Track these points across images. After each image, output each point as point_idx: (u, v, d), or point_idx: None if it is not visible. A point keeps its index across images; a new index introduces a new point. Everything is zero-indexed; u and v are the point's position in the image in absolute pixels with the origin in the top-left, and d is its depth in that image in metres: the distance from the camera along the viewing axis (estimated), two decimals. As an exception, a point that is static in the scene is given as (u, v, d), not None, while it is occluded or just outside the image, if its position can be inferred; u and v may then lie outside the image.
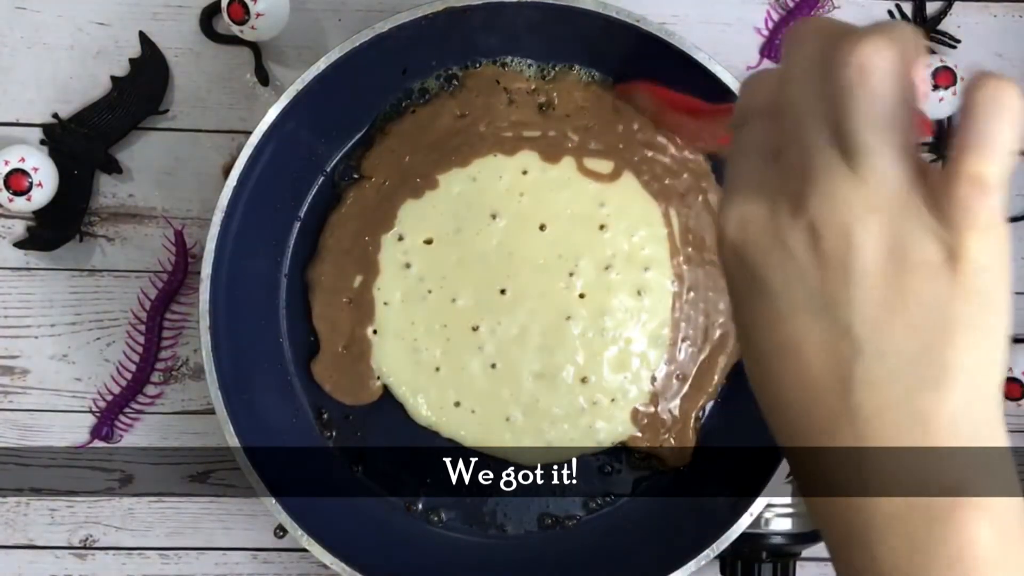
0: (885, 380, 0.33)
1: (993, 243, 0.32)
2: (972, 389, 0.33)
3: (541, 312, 0.68)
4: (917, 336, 0.33)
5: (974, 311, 0.32)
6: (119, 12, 0.71)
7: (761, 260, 0.34)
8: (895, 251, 0.32)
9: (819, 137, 0.33)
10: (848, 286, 0.33)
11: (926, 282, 0.32)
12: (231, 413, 0.63)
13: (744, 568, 0.68)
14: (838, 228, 0.33)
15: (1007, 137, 0.31)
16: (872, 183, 0.32)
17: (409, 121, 0.68)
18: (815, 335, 0.34)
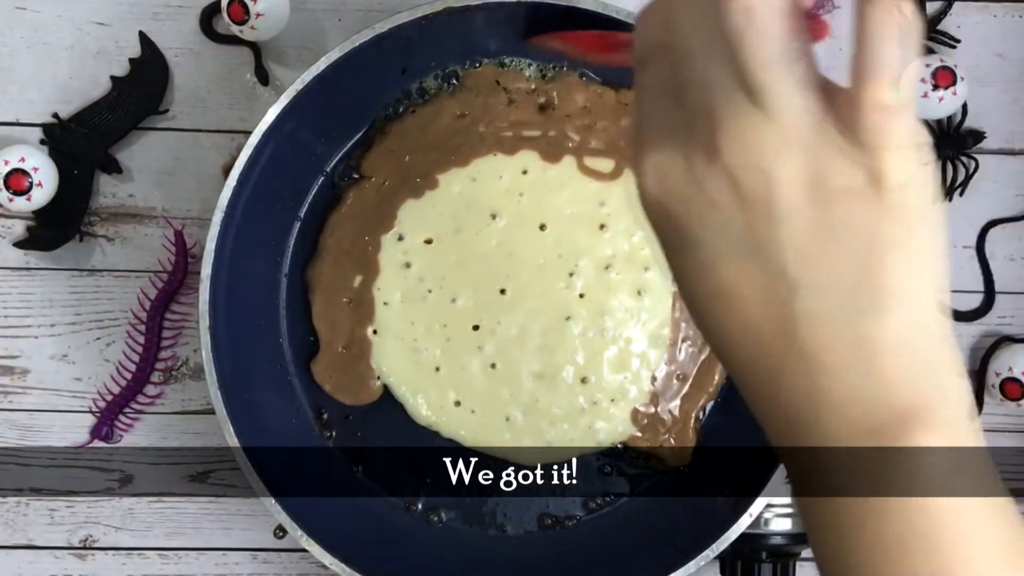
0: (826, 312, 0.32)
1: (911, 159, 0.32)
2: (913, 307, 0.33)
3: (541, 312, 0.68)
4: (851, 264, 0.32)
5: (903, 230, 0.32)
6: (119, 12, 0.71)
7: (684, 211, 0.34)
8: (816, 183, 0.32)
9: (720, 78, 0.32)
10: (774, 225, 0.32)
11: (851, 208, 0.32)
12: (231, 413, 0.63)
13: (744, 568, 0.68)
14: (755, 169, 0.32)
15: (903, 58, 0.30)
16: (781, 119, 0.31)
17: (409, 121, 0.68)
18: (750, 278, 0.33)
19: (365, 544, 0.66)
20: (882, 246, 0.32)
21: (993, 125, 0.72)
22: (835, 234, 0.32)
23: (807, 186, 0.32)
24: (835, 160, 0.31)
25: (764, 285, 0.33)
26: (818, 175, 0.32)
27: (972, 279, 0.73)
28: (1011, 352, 0.71)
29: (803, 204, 0.32)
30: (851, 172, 0.32)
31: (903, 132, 0.31)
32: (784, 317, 0.33)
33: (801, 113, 0.31)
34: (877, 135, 0.31)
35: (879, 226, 0.32)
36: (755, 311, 0.33)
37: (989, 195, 0.72)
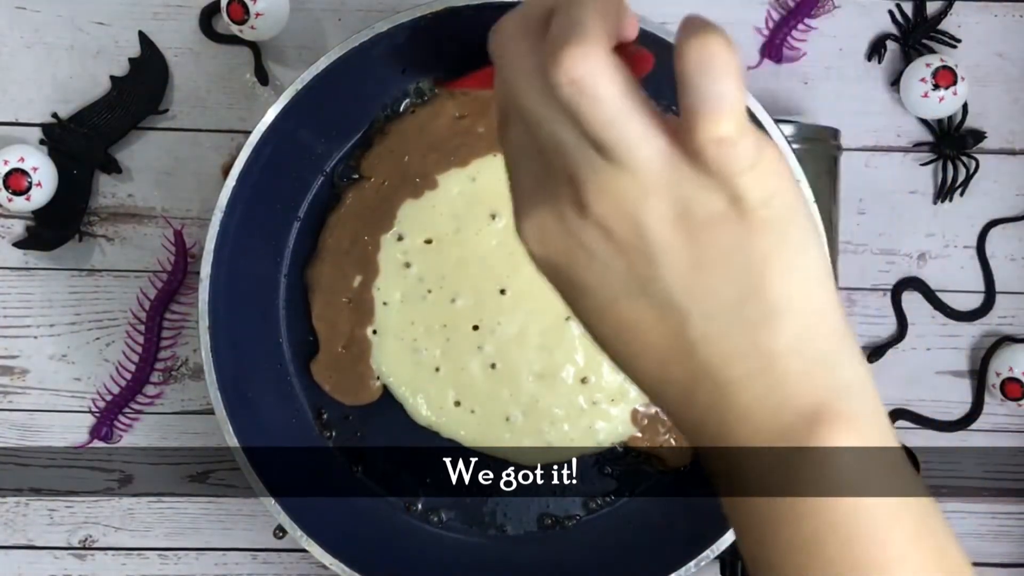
0: (720, 334, 0.34)
1: (766, 173, 0.32)
2: (803, 313, 0.33)
3: (541, 312, 0.68)
4: (733, 285, 0.33)
5: (774, 241, 0.33)
6: (119, 12, 0.71)
7: (568, 264, 0.35)
8: (682, 217, 0.33)
9: (569, 139, 0.33)
10: (653, 265, 0.33)
11: (721, 232, 0.33)
12: (230, 413, 0.63)
13: (744, 568, 0.68)
14: (622, 218, 0.33)
15: (725, 90, 0.30)
16: (634, 169, 0.32)
17: (408, 121, 0.68)
18: (642, 314, 0.34)
19: (365, 544, 0.66)
20: (758, 262, 0.33)
21: (993, 125, 0.72)
22: (712, 260, 0.33)
23: (675, 222, 0.33)
24: (694, 191, 0.32)
25: (657, 319, 0.34)
26: (682, 209, 0.33)
27: (972, 279, 0.73)
28: (1012, 352, 0.71)
29: (675, 240, 0.33)
30: (711, 200, 0.32)
31: (747, 155, 0.31)
32: (682, 344, 0.34)
33: (652, 159, 0.32)
34: (723, 165, 0.31)
35: (751, 244, 0.33)
36: (654, 342, 0.35)
37: (990, 195, 0.72)
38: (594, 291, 0.35)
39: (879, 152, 0.72)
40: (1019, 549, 0.74)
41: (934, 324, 0.73)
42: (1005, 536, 0.74)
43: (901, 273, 0.72)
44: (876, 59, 0.72)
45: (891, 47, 0.72)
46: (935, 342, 0.73)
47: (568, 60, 0.31)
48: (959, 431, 0.73)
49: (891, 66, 0.72)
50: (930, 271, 0.72)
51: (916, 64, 0.69)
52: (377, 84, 0.67)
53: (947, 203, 0.72)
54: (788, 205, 0.33)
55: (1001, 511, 0.73)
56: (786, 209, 0.33)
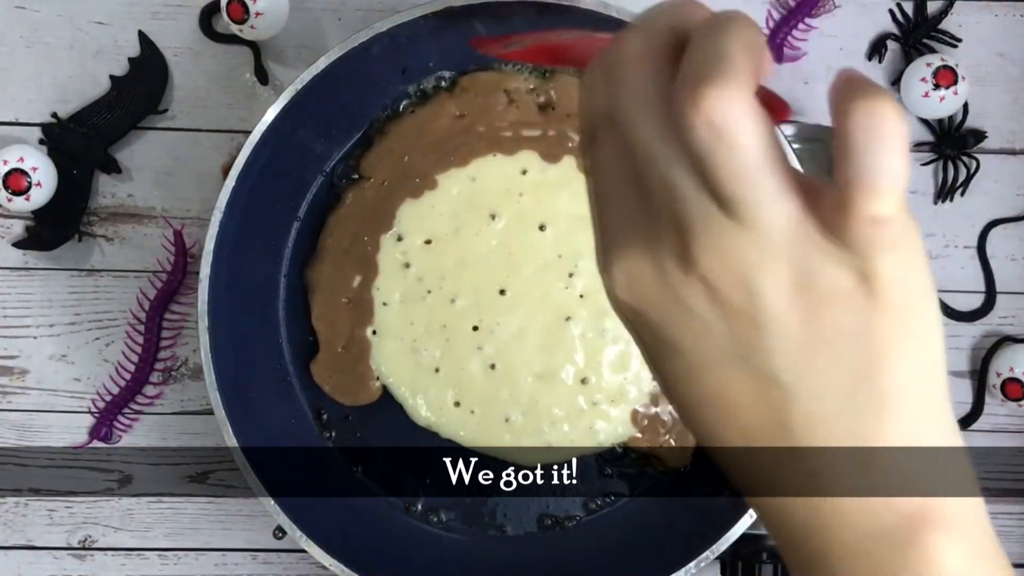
0: (824, 419, 0.31)
1: (903, 255, 0.30)
2: (915, 407, 0.31)
3: (541, 312, 0.68)
4: (847, 368, 0.30)
5: (899, 328, 0.30)
6: (118, 11, 0.71)
7: (661, 320, 0.31)
8: (802, 288, 0.30)
9: (686, 185, 0.29)
10: (761, 334, 0.30)
11: (843, 310, 0.30)
12: (230, 413, 0.63)
13: (744, 569, 0.68)
14: (735, 280, 0.30)
15: (896, 167, 0.28)
16: (759, 230, 0.29)
17: (408, 121, 0.68)
18: (740, 385, 0.31)
19: (365, 544, 0.66)
20: (878, 348, 0.30)
21: (994, 125, 0.72)
22: (827, 338, 0.30)
23: (792, 292, 0.30)
24: (821, 262, 0.29)
25: (756, 393, 0.31)
26: (803, 280, 0.29)
27: (973, 279, 0.72)
28: (1012, 352, 0.70)
29: (790, 311, 0.30)
30: (839, 274, 0.29)
31: (894, 234, 0.29)
32: (780, 424, 0.31)
33: (781, 220, 0.29)
34: (869, 242, 0.29)
35: (873, 327, 0.30)
36: (748, 417, 0.32)
37: (990, 195, 0.72)
38: (687, 353, 0.32)
39: (879, 152, 0.72)
40: (1019, 549, 0.74)
41: (934, 324, 0.72)
42: (1006, 536, 0.73)
43: (901, 273, 0.72)
44: (877, 59, 0.72)
45: (892, 47, 0.72)
46: (935, 342, 0.72)
47: (710, 100, 0.28)
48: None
49: (891, 66, 0.72)
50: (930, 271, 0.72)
51: (917, 64, 0.69)
52: (377, 84, 0.67)
53: (947, 203, 0.72)
54: (919, 290, 0.30)
55: (1001, 511, 0.73)
56: (916, 294, 0.30)
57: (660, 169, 0.30)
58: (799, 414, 0.31)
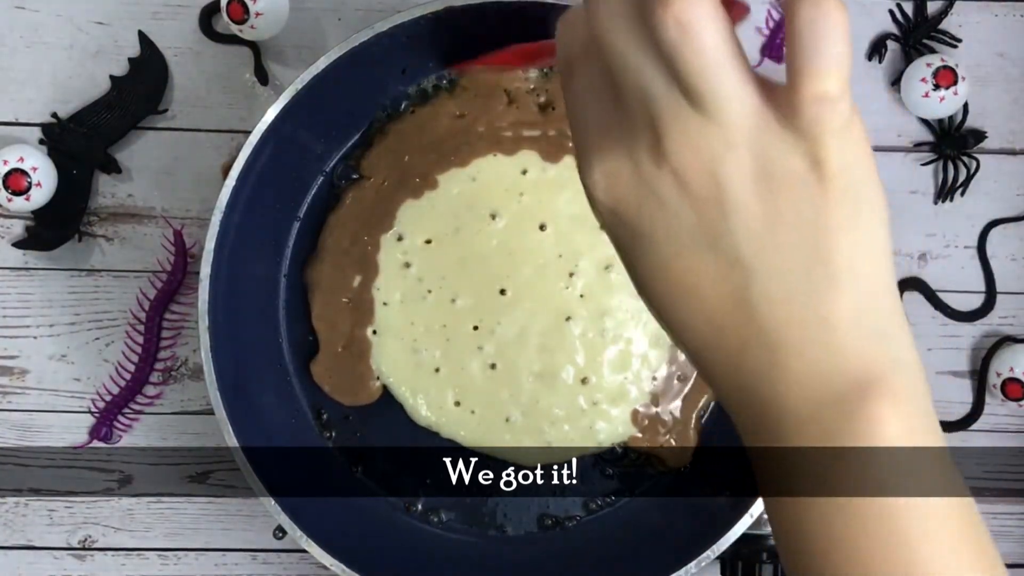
0: (783, 296, 0.34)
1: (851, 140, 0.33)
2: (866, 285, 0.34)
3: (541, 312, 0.68)
4: (802, 247, 0.33)
5: (848, 211, 0.33)
6: (118, 11, 0.71)
7: (636, 213, 0.35)
8: (761, 174, 0.33)
9: (657, 84, 0.33)
10: (726, 219, 0.33)
11: (798, 194, 0.33)
12: (230, 413, 0.63)
13: (745, 569, 0.68)
14: (702, 169, 0.33)
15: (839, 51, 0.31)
16: (723, 121, 0.32)
17: (408, 121, 0.68)
18: (706, 270, 0.34)
19: (365, 544, 0.66)
20: (830, 228, 0.33)
21: (994, 125, 0.72)
22: (784, 221, 0.33)
23: (753, 179, 0.33)
24: (778, 149, 0.32)
25: (721, 275, 0.34)
26: (764, 166, 0.33)
27: (973, 279, 0.72)
28: (1012, 352, 0.70)
29: (751, 197, 0.33)
30: (793, 159, 0.33)
31: (842, 115, 0.32)
32: (742, 302, 0.34)
33: (742, 111, 0.32)
34: (817, 123, 0.32)
35: (824, 210, 0.33)
36: (713, 300, 0.35)
37: (990, 195, 0.72)
38: (658, 243, 0.35)
39: (880, 152, 0.72)
40: (1019, 549, 0.74)
41: (934, 324, 0.72)
42: (1005, 536, 0.73)
43: (902, 273, 0.72)
44: (877, 59, 0.72)
45: (892, 47, 0.72)
46: (936, 342, 0.73)
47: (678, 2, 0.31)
48: (960, 431, 0.72)
49: (892, 66, 0.72)
50: (931, 271, 0.72)
51: (917, 64, 0.69)
52: (377, 84, 0.67)
53: (948, 203, 0.72)
54: (866, 177, 0.33)
55: (1001, 511, 0.73)
56: (864, 181, 0.33)
57: (634, 73, 0.33)
58: (759, 292, 0.34)
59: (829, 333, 0.34)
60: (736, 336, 0.35)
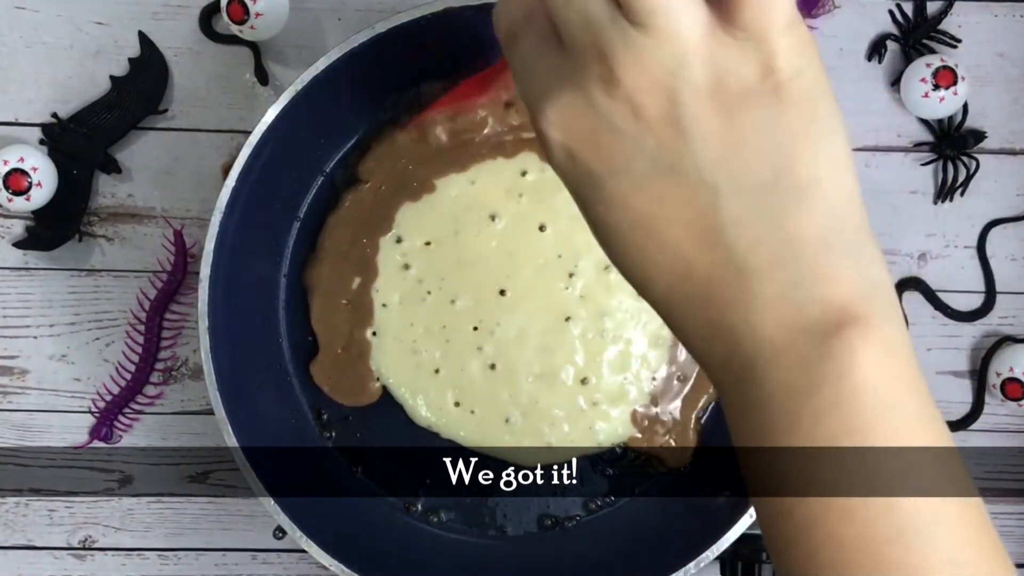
0: (750, 214, 0.33)
1: (797, 44, 0.32)
2: (831, 199, 0.33)
3: (541, 313, 0.68)
4: (765, 161, 0.32)
5: (804, 119, 0.32)
6: (118, 12, 0.71)
7: (592, 148, 0.34)
8: (716, 88, 0.32)
9: (602, 13, 0.32)
10: (685, 139, 0.33)
11: (754, 107, 0.32)
12: (230, 414, 0.63)
13: (744, 569, 0.68)
14: (655, 91, 0.32)
15: None
16: (670, 38, 0.32)
17: (406, 125, 0.68)
18: (670, 195, 0.33)
19: (365, 544, 0.66)
20: (789, 139, 0.32)
21: (994, 125, 0.72)
22: (744, 137, 0.32)
23: (708, 95, 0.32)
24: (729, 61, 0.32)
25: (684, 199, 0.33)
26: (717, 81, 0.32)
27: (973, 279, 0.72)
28: (1012, 352, 0.71)
29: (708, 113, 0.32)
30: (745, 68, 0.32)
31: (783, 12, 0.32)
32: (708, 226, 0.33)
33: (689, 26, 0.32)
34: (759, 19, 0.31)
35: (782, 119, 0.32)
36: (678, 229, 0.34)
37: (990, 195, 0.72)
38: (616, 176, 0.34)
39: (879, 152, 0.72)
40: (1019, 549, 0.74)
41: (934, 324, 0.73)
42: (1006, 536, 0.73)
43: (901, 273, 0.72)
44: (876, 59, 0.72)
45: (891, 47, 0.72)
46: (935, 342, 0.73)
47: None
48: (959, 431, 0.73)
49: (891, 66, 0.72)
50: (930, 271, 0.72)
51: (916, 64, 0.69)
52: (377, 84, 0.67)
53: (947, 203, 0.72)
54: (818, 83, 0.33)
55: (1001, 511, 0.73)
56: (816, 87, 0.33)
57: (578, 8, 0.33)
58: (727, 213, 0.33)
59: (798, 253, 0.33)
60: (704, 266, 0.34)
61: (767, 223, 0.33)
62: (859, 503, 0.32)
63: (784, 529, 0.34)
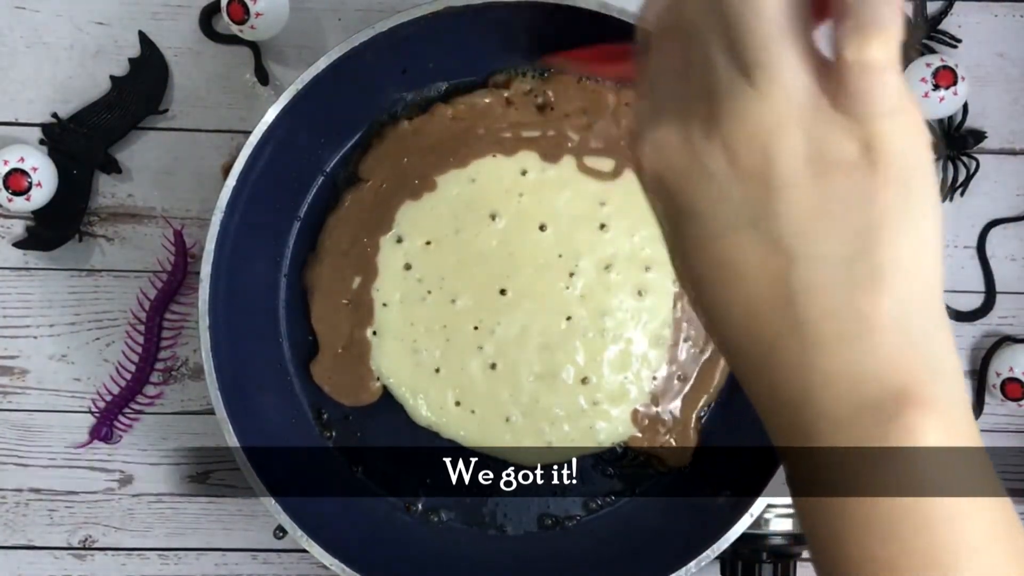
0: (823, 286, 0.32)
1: (903, 126, 0.32)
2: (910, 283, 0.32)
3: (541, 312, 0.68)
4: (848, 237, 0.32)
5: (898, 201, 0.32)
6: (118, 12, 0.71)
7: (682, 184, 0.34)
8: (812, 156, 0.32)
9: (718, 55, 0.32)
10: (772, 199, 0.32)
11: (847, 180, 0.32)
12: (230, 413, 0.63)
13: (744, 569, 0.68)
14: (752, 144, 0.32)
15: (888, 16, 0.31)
16: (775, 97, 0.32)
17: (407, 123, 0.68)
18: (748, 251, 0.33)
19: (365, 544, 0.66)
20: (878, 219, 0.32)
21: (994, 125, 0.72)
22: (832, 207, 0.32)
23: (804, 160, 0.32)
24: (829, 132, 0.32)
25: (761, 257, 0.33)
26: (815, 148, 0.32)
27: (973, 279, 0.72)
28: (1012, 352, 0.71)
29: (801, 177, 0.32)
30: (845, 143, 0.32)
31: (891, 95, 0.31)
32: (781, 289, 0.33)
33: (796, 89, 0.32)
34: (866, 100, 0.31)
35: (874, 198, 0.32)
36: (752, 283, 0.34)
37: (990, 195, 0.72)
38: (702, 217, 0.34)
39: (879, 152, 0.72)
40: (1019, 549, 0.74)
41: (934, 324, 0.72)
42: (1005, 536, 0.73)
43: (901, 273, 0.72)
44: (876, 59, 0.72)
45: (891, 47, 0.72)
46: (935, 342, 0.72)
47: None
48: (959, 431, 0.72)
49: (891, 66, 0.72)
50: (930, 271, 0.72)
51: (916, 64, 0.69)
52: (377, 84, 0.67)
53: (947, 203, 0.72)
54: (918, 165, 0.32)
55: (1001, 511, 0.73)
56: (915, 169, 0.32)
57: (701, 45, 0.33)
58: (800, 280, 0.33)
59: (867, 332, 0.32)
60: (771, 326, 0.33)
61: (840, 297, 0.32)
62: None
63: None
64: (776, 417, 0.35)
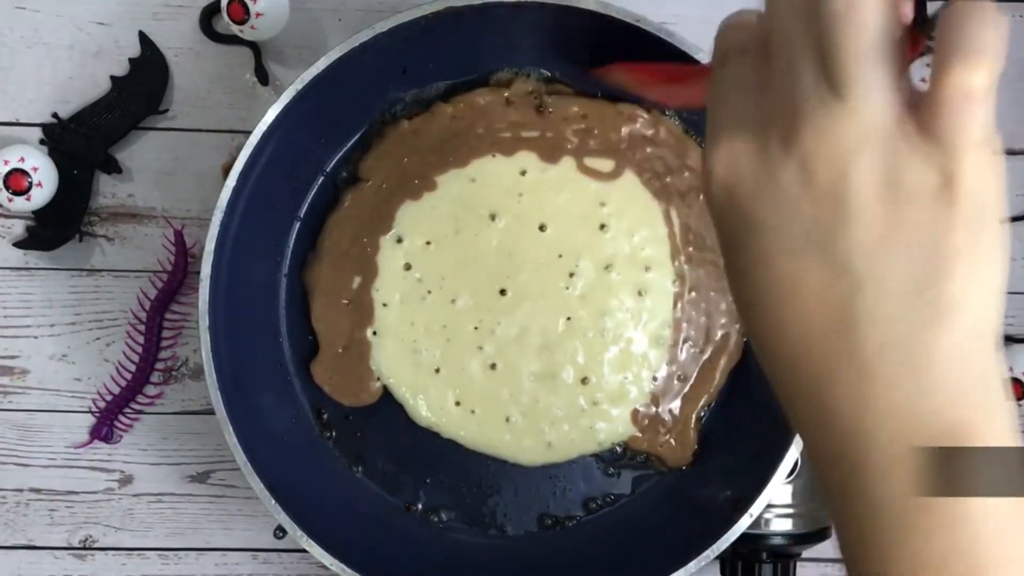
0: (886, 316, 0.32)
1: (987, 164, 0.31)
2: (973, 322, 0.32)
3: (541, 312, 0.68)
4: (917, 269, 0.32)
5: (972, 239, 0.31)
6: (119, 12, 0.71)
7: (753, 198, 0.33)
8: (890, 182, 0.31)
9: (807, 69, 0.32)
10: (844, 221, 0.32)
11: (923, 211, 0.31)
12: (231, 413, 0.63)
13: (744, 569, 0.68)
14: (831, 162, 0.32)
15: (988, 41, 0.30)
16: (862, 116, 0.31)
17: (407, 123, 0.68)
18: (813, 272, 0.33)
19: (365, 544, 0.66)
20: (949, 255, 0.31)
21: (994, 125, 0.72)
22: (903, 237, 0.31)
23: (881, 185, 0.31)
24: (911, 159, 0.31)
25: (826, 280, 0.32)
26: (893, 174, 0.31)
27: (973, 279, 0.72)
28: (1012, 352, 0.71)
29: (875, 203, 0.32)
30: (926, 174, 0.31)
31: (982, 126, 0.31)
32: (843, 316, 0.32)
33: (884, 111, 0.31)
34: (956, 128, 0.31)
35: (946, 233, 0.31)
36: (814, 307, 0.33)
37: (990, 195, 0.72)
38: (769, 232, 0.33)
39: (879, 152, 0.72)
40: (1019, 549, 0.73)
41: (934, 324, 0.72)
42: (1005, 536, 0.73)
43: (901, 273, 0.72)
44: (876, 59, 0.72)
45: (891, 47, 0.72)
46: (935, 342, 0.72)
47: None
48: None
49: (891, 66, 0.72)
50: (930, 271, 0.72)
51: (916, 64, 0.69)
52: (377, 84, 0.67)
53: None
54: (993, 207, 0.32)
55: (1001, 511, 0.73)
56: (990, 211, 0.32)
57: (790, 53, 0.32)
58: (863, 307, 0.32)
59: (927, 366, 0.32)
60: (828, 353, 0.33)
61: (902, 329, 0.32)
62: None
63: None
64: (824, 446, 0.34)
